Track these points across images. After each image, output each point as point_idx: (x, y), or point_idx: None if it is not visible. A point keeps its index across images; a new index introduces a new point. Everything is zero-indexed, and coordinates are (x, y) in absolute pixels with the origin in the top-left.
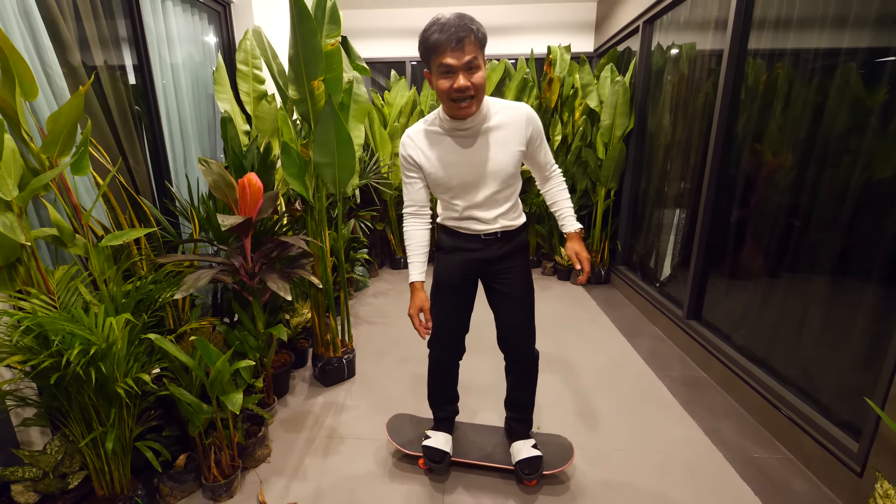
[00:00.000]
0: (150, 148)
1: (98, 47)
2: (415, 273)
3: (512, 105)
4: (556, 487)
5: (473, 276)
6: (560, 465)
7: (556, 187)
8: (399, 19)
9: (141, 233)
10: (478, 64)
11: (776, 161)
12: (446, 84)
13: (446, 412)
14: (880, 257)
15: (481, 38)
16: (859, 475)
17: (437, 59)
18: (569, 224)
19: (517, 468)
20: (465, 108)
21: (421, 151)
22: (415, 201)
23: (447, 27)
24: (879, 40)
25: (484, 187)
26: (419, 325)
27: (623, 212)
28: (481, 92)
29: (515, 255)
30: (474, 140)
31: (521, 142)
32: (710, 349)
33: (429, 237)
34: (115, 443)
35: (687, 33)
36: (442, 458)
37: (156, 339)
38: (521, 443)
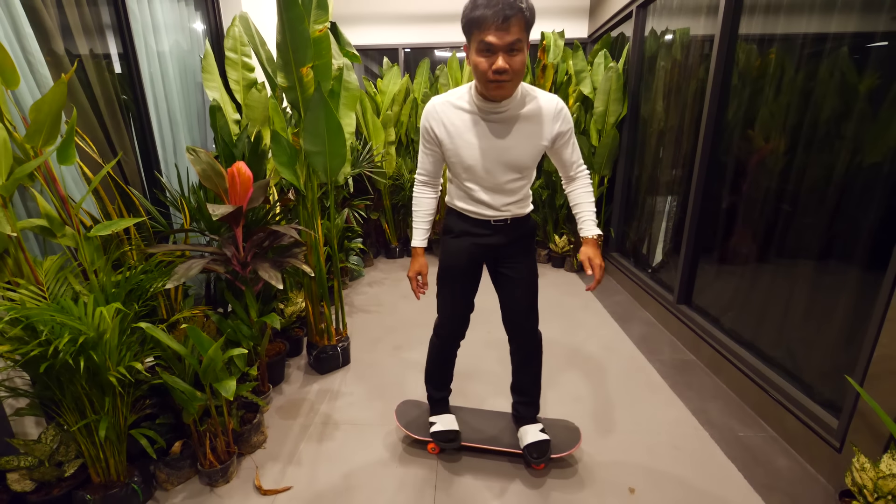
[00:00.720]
0: (138, 137)
1: (82, 35)
2: (417, 239)
3: (545, 97)
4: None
5: (480, 259)
6: (567, 448)
7: (581, 189)
8: (392, 5)
9: (130, 222)
10: (521, 47)
11: (766, 147)
12: (484, 63)
13: (443, 392)
14: (863, 241)
15: (529, 18)
16: (838, 451)
17: (479, 36)
18: (587, 229)
19: (525, 452)
20: (498, 90)
21: (443, 126)
22: (427, 171)
23: (495, 2)
24: (869, 25)
25: (500, 175)
26: (416, 287)
27: (616, 198)
28: (519, 77)
29: (522, 240)
30: (501, 126)
31: (546, 136)
32: (699, 333)
33: (436, 206)
34: (110, 430)
35: (680, 18)
36: (455, 436)
37: (147, 328)
38: (529, 427)
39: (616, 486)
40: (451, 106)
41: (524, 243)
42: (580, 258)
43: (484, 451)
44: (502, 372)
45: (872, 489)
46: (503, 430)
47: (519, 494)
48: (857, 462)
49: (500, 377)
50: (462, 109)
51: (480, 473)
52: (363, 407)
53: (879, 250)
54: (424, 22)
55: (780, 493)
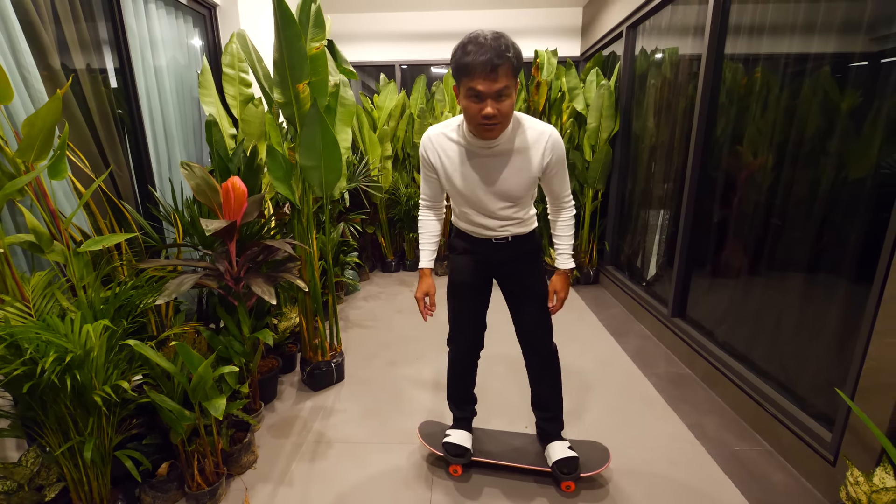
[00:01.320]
0: (132, 152)
1: (78, 50)
2: (424, 260)
3: (537, 128)
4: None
5: (485, 275)
6: (597, 467)
7: (564, 222)
8: (389, 23)
9: (122, 237)
10: (508, 93)
11: (755, 162)
12: (474, 108)
13: (464, 412)
14: (850, 254)
15: (517, 65)
16: (832, 464)
17: (468, 82)
18: (561, 262)
19: (554, 469)
20: (488, 133)
21: (438, 156)
22: (429, 196)
23: (483, 50)
24: (849, 46)
25: (492, 203)
26: (423, 308)
27: (610, 212)
28: (507, 119)
29: (527, 257)
30: (491, 160)
31: (537, 168)
32: (693, 346)
33: (441, 228)
34: (94, 452)
35: (668, 38)
36: (463, 452)
37: (135, 345)
38: (557, 444)
39: (608, 498)
40: (445, 137)
41: (530, 260)
42: (550, 288)
43: (510, 471)
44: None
45: (867, 502)
46: (529, 448)
47: None
48: (851, 476)
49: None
50: (455, 142)
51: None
52: (358, 424)
53: (865, 263)
54: (421, 40)
55: None
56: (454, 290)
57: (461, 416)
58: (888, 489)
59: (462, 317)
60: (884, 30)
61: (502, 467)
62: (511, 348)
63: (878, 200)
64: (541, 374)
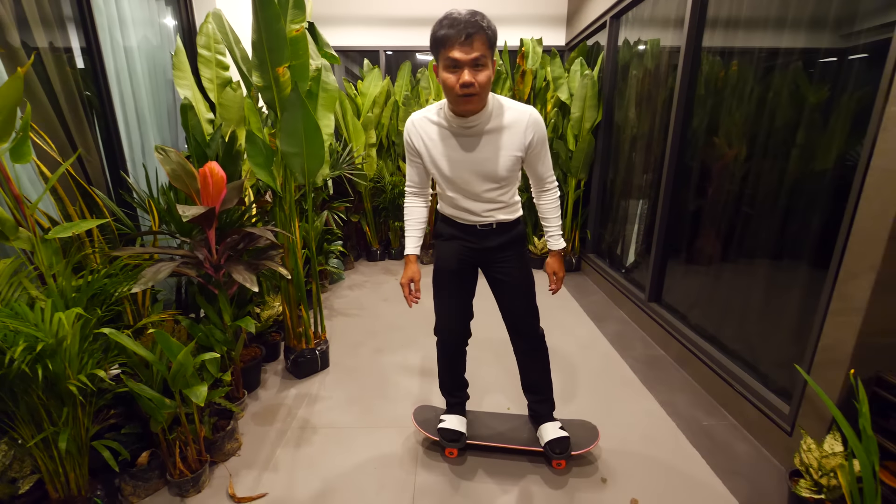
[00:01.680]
0: (102, 136)
1: (40, 27)
2: (409, 247)
3: (518, 108)
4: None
5: (471, 262)
6: (587, 445)
7: (549, 204)
8: (373, 7)
9: (92, 224)
10: (485, 63)
11: (729, 153)
12: (452, 79)
13: (457, 398)
14: (811, 241)
15: (491, 36)
16: (789, 434)
17: (445, 53)
18: (553, 242)
19: (546, 448)
20: (468, 104)
21: (422, 140)
22: (414, 182)
23: (458, 22)
24: (818, 42)
25: (477, 185)
26: (408, 295)
27: (592, 201)
28: (485, 91)
29: (512, 245)
30: (474, 140)
31: (519, 147)
32: (668, 329)
33: (426, 214)
34: (70, 443)
35: (650, 30)
36: (458, 437)
37: (111, 334)
38: (548, 424)
39: (590, 476)
40: (427, 121)
41: (515, 248)
42: (546, 270)
43: (502, 451)
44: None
45: (817, 467)
46: (520, 430)
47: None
48: (805, 444)
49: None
50: (437, 124)
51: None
52: (343, 410)
53: (825, 250)
54: (406, 25)
55: (740, 476)
56: (439, 277)
57: (454, 402)
58: (836, 454)
59: (448, 304)
60: (851, 27)
61: (496, 449)
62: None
63: (839, 191)
64: (530, 359)
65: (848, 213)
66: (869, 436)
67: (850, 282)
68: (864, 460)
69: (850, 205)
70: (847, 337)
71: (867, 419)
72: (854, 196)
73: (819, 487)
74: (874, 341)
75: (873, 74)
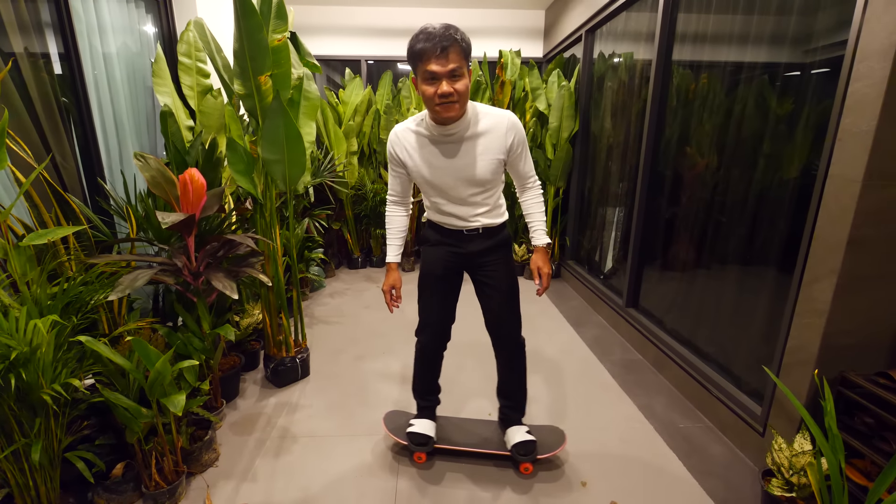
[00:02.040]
0: (79, 142)
1: (17, 33)
2: (390, 255)
3: (496, 113)
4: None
5: (456, 268)
6: (553, 449)
7: (532, 199)
8: (355, 17)
9: (68, 231)
10: (461, 73)
11: (701, 163)
12: (430, 90)
13: (427, 401)
14: (780, 247)
15: (466, 47)
16: (762, 435)
17: (423, 66)
18: (538, 238)
19: (513, 451)
20: (448, 111)
21: (405, 150)
22: (396, 192)
23: (433, 36)
24: (783, 56)
25: (462, 190)
26: (389, 300)
27: (571, 209)
28: (464, 99)
29: (497, 250)
30: (455, 146)
31: (501, 150)
32: (645, 334)
33: (407, 223)
34: (42, 455)
35: (623, 43)
36: (426, 441)
37: (87, 342)
38: (516, 428)
39: (570, 480)
40: (410, 131)
41: (500, 253)
42: (531, 266)
43: (472, 456)
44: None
45: (788, 466)
46: (491, 435)
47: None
48: (776, 443)
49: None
50: (419, 134)
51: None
52: (323, 418)
53: (791, 254)
54: (388, 35)
55: (715, 477)
56: (425, 281)
57: (425, 406)
58: (805, 452)
59: (431, 308)
60: (813, 43)
61: (464, 453)
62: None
63: (803, 198)
64: (509, 365)
65: (809, 220)
66: (835, 434)
67: (813, 285)
68: (831, 458)
69: (812, 212)
70: (812, 338)
71: (833, 418)
72: (815, 203)
73: (790, 486)
74: (838, 342)
75: (832, 88)
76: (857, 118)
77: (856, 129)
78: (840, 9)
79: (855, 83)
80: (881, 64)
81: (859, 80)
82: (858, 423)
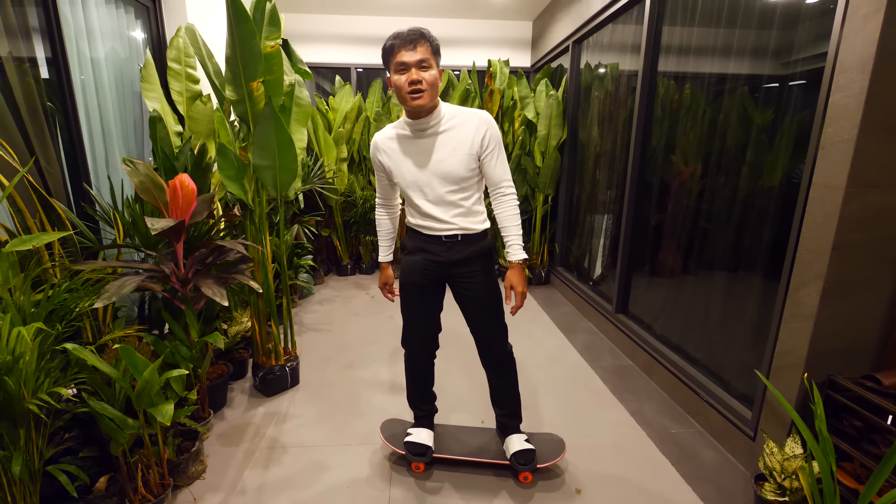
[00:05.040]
0: (65, 147)
1: (3, 36)
2: (381, 255)
3: (468, 111)
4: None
5: (436, 277)
6: (552, 458)
7: (507, 211)
8: (345, 25)
9: (53, 237)
10: (430, 64)
11: (686, 171)
12: (401, 80)
13: (424, 411)
14: (765, 253)
15: (434, 44)
16: (752, 439)
17: (394, 59)
18: (513, 253)
19: (512, 460)
20: (418, 100)
21: (385, 153)
22: (382, 194)
23: (402, 33)
24: (762, 69)
25: (438, 186)
26: (386, 295)
27: (560, 216)
28: (433, 89)
29: (477, 259)
30: (430, 140)
31: (473, 145)
32: (635, 339)
33: (395, 225)
34: (23, 468)
35: (610, 54)
36: (424, 451)
37: (73, 349)
38: (514, 437)
39: (564, 487)
40: (386, 136)
41: (481, 263)
42: (505, 285)
43: (470, 465)
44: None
45: (780, 470)
46: (488, 443)
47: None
48: (768, 448)
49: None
50: (399, 134)
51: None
52: (313, 428)
53: (776, 260)
54: (377, 44)
55: (707, 482)
56: (405, 290)
57: (421, 415)
58: (797, 456)
59: (414, 317)
60: (789, 56)
61: (463, 462)
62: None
63: (786, 206)
64: (499, 373)
65: (795, 226)
66: (825, 437)
67: (800, 290)
68: (823, 461)
69: (797, 218)
70: (801, 342)
71: (823, 421)
72: (799, 210)
73: (783, 490)
74: (825, 345)
75: (811, 99)
76: (838, 128)
77: (837, 139)
78: (819, 22)
79: (835, 94)
80: (860, 76)
81: (840, 90)
82: (847, 426)
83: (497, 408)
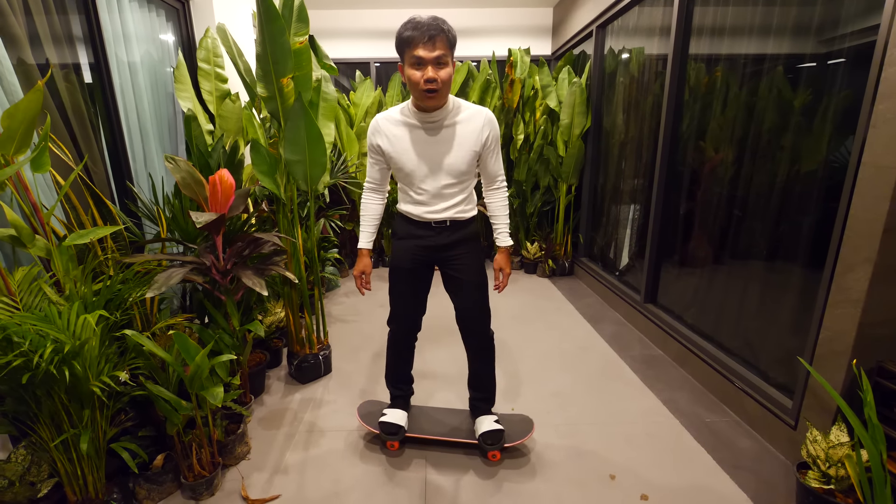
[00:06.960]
0: (108, 148)
1: (51, 44)
2: (362, 241)
3: (474, 107)
4: (518, 460)
5: (425, 261)
6: (520, 437)
7: (499, 202)
8: (364, 20)
9: (107, 231)
10: (446, 61)
11: (717, 157)
12: (417, 75)
13: (400, 391)
14: (803, 240)
15: (451, 39)
16: (793, 428)
17: (410, 52)
18: (501, 240)
19: (480, 440)
20: (431, 99)
21: (386, 137)
22: (373, 179)
23: (421, 25)
24: (800, 48)
25: (437, 179)
26: (360, 284)
27: (584, 206)
28: (446, 87)
29: (465, 243)
30: (435, 133)
31: (477, 142)
32: (665, 329)
33: (381, 211)
34: (89, 445)
35: (636, 38)
36: (397, 430)
37: (132, 335)
38: (484, 418)
39: (597, 473)
40: (390, 120)
41: (469, 247)
42: (494, 266)
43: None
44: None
45: (825, 458)
46: (461, 424)
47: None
48: (811, 435)
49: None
50: (401, 122)
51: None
52: (347, 414)
53: (817, 248)
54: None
55: (746, 471)
56: (394, 274)
57: (398, 395)
58: (843, 444)
59: (401, 300)
60: (830, 32)
61: (435, 441)
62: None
63: (827, 191)
64: (478, 357)
65: (842, 208)
66: (875, 425)
67: (847, 274)
68: (872, 449)
69: (844, 200)
70: (847, 328)
71: (872, 408)
72: (847, 191)
73: (827, 478)
74: (874, 331)
75: (852, 77)
76: (891, 104)
77: (890, 115)
78: None
79: (889, 68)
80: None
81: (894, 64)
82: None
83: (472, 390)
